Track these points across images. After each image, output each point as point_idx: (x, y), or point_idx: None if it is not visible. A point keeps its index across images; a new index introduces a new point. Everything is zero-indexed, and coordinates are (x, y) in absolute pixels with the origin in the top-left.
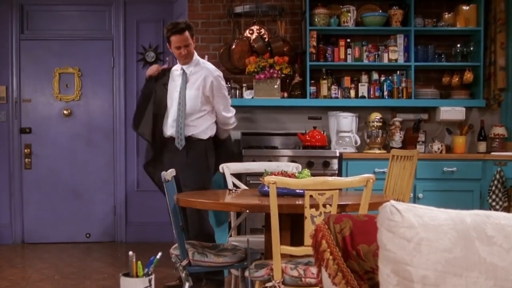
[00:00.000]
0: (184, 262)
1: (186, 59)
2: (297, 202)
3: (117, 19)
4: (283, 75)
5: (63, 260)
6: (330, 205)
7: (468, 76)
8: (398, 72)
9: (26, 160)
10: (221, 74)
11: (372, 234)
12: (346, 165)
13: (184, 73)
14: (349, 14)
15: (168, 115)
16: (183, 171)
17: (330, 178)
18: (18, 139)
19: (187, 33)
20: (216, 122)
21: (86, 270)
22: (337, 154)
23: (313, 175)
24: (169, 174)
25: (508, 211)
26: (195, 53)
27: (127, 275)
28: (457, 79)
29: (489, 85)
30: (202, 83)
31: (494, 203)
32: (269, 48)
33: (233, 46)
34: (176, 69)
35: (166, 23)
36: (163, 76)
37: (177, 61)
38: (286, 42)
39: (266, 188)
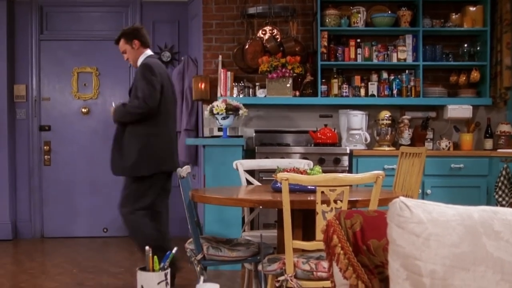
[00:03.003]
0: (199, 256)
1: (132, 64)
2: (308, 198)
3: (134, 19)
4: (295, 74)
5: (81, 254)
6: (341, 201)
7: (475, 75)
8: (406, 71)
9: (45, 156)
10: (148, 64)
11: (382, 229)
12: (357, 162)
13: None
14: (359, 15)
15: None
16: None
17: (341, 175)
18: (37, 136)
19: (121, 41)
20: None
21: (103, 264)
22: (348, 151)
23: (324, 171)
24: (184, 170)
25: None
26: (145, 55)
27: (143, 269)
28: (464, 78)
29: (495, 84)
30: None
31: (500, 199)
32: (281, 48)
33: (247, 46)
34: None
35: (181, 24)
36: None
37: None
38: (298, 42)
39: (279, 184)
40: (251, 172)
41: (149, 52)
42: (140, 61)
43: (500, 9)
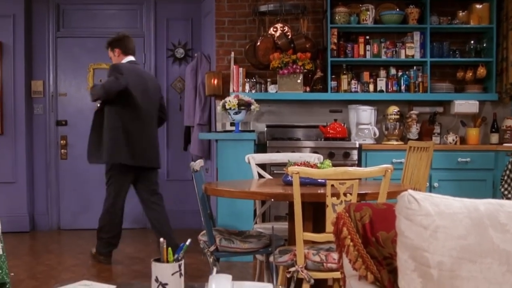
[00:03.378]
0: (212, 248)
1: None
2: (319, 191)
3: (148, 17)
4: (305, 71)
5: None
6: (351, 194)
7: (481, 71)
8: (414, 67)
9: (62, 151)
10: (116, 64)
11: (391, 221)
12: (366, 156)
13: None
14: (368, 12)
15: None
16: None
17: (350, 168)
18: (54, 131)
19: (108, 50)
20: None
21: (118, 256)
22: (357, 146)
23: (334, 165)
24: (197, 164)
25: None
26: (125, 60)
27: (158, 260)
28: (470, 74)
29: (501, 80)
30: None
31: (506, 192)
32: (292, 45)
33: (258, 43)
34: None
35: (194, 21)
36: None
37: None
38: (308, 39)
39: (290, 177)
40: (262, 166)
41: (129, 58)
42: None
43: (506, 6)
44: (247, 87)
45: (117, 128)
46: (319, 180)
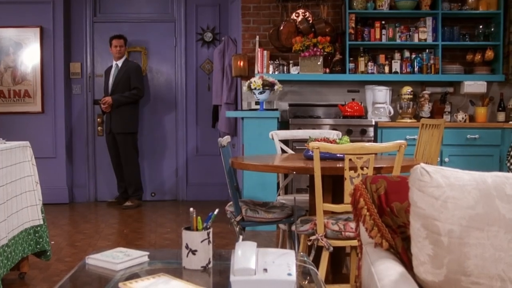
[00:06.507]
0: (238, 218)
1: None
2: (337, 165)
3: (179, 3)
4: (325, 53)
5: (131, 216)
6: (367, 167)
7: (489, 54)
8: (427, 50)
9: (98, 128)
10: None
11: (404, 193)
12: (381, 133)
13: None
14: None
15: None
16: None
17: (367, 144)
18: (91, 109)
19: (121, 41)
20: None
21: (151, 225)
22: (373, 123)
23: (351, 141)
24: (225, 140)
25: None
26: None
27: (188, 229)
28: (479, 57)
29: (508, 62)
30: None
31: (511, 166)
32: (313, 29)
33: (281, 27)
34: None
35: (222, 7)
36: None
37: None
38: (328, 24)
39: (311, 152)
40: (285, 142)
41: None
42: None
43: None
44: (271, 68)
45: None
46: (338, 155)
